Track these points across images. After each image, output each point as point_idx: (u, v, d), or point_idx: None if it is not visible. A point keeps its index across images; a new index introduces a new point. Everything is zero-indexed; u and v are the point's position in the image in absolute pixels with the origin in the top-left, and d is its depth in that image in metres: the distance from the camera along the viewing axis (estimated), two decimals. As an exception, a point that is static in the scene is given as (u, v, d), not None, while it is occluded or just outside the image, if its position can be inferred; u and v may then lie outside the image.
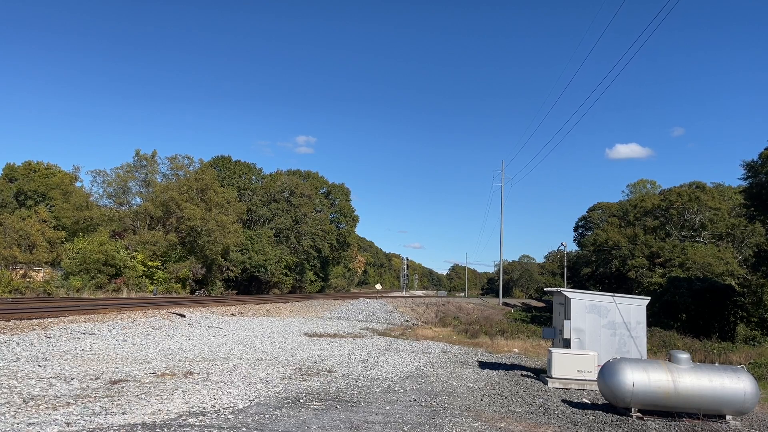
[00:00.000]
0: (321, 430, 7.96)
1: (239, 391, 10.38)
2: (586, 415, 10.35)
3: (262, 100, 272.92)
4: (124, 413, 8.27)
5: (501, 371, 15.51)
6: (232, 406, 9.20)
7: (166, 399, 9.37)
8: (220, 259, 63.52)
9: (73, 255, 49.24)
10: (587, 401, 11.83)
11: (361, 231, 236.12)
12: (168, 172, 68.24)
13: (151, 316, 24.05)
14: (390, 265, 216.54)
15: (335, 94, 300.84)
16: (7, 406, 8.32)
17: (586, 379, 13.21)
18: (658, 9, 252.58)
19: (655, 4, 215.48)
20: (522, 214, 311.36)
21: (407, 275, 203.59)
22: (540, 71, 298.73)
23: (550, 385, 13.33)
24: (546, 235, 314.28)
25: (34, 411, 8.13)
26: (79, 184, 67.60)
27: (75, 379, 10.64)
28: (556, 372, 13.41)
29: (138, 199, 66.07)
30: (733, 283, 52.59)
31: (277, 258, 75.78)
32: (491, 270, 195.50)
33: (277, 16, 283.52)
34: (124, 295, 46.54)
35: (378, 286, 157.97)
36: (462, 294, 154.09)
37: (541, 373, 14.89)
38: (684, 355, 10.66)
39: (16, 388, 9.60)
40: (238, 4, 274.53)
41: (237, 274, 69.54)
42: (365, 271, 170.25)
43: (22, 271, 47.72)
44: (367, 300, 54.89)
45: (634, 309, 14.63)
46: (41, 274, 49.15)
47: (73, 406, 8.51)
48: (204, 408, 8.92)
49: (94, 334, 17.71)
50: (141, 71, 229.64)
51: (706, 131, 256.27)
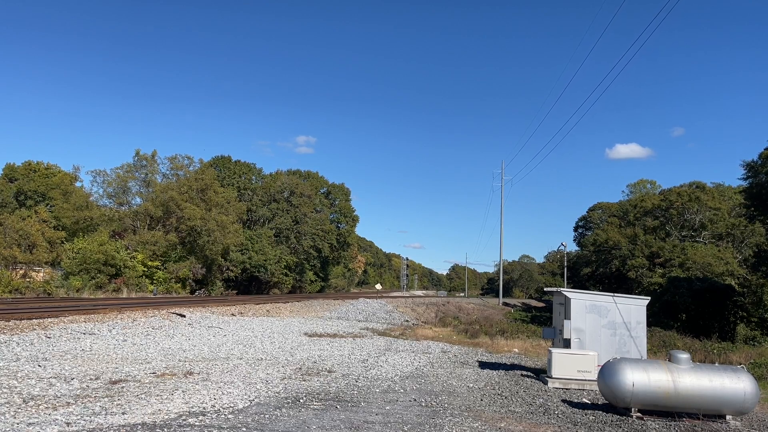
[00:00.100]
0: (321, 430, 7.96)
1: (239, 391, 10.38)
2: (586, 415, 10.35)
3: (262, 100, 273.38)
4: (124, 413, 8.27)
5: (501, 371, 15.51)
6: (232, 406, 9.20)
7: (166, 399, 9.37)
8: (220, 259, 63.54)
9: (73, 255, 49.26)
10: (587, 401, 11.83)
11: (361, 231, 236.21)
12: (168, 172, 68.36)
13: (151, 316, 24.05)
14: (390, 265, 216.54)
15: (335, 94, 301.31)
16: (7, 406, 8.32)
17: (586, 379, 13.21)
18: (658, 9, 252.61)
19: (655, 4, 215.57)
20: (522, 214, 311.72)
21: (407, 275, 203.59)
22: (540, 71, 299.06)
23: (550, 385, 13.33)
24: (546, 235, 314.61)
25: (34, 411, 8.13)
26: (79, 184, 67.71)
27: (75, 379, 10.64)
28: (556, 372, 13.41)
29: (138, 199, 66.18)
30: (733, 283, 52.60)
31: (277, 258, 75.79)
32: (491, 270, 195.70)
33: (277, 16, 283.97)
34: (124, 295, 46.54)
35: (378, 286, 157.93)
36: (462, 294, 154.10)
37: (541, 373, 14.89)
38: (684, 355, 10.66)
39: (16, 388, 9.60)
40: (238, 4, 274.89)
41: (237, 274, 69.55)
42: (365, 271, 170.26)
43: (22, 271, 47.73)
44: (367, 300, 54.89)
45: (634, 309, 14.63)
46: (41, 274, 49.16)
47: (73, 406, 8.51)
48: (204, 408, 8.92)
49: (94, 334, 17.71)
50: (141, 71, 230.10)
51: (706, 131, 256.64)
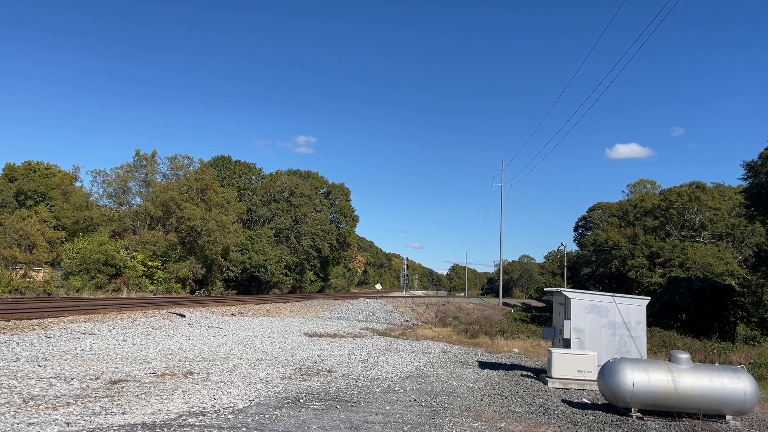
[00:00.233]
0: (321, 430, 7.96)
1: (239, 391, 10.38)
2: (586, 415, 10.34)
3: (262, 100, 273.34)
4: (124, 413, 8.27)
5: (501, 371, 15.51)
6: (232, 406, 9.20)
7: (166, 399, 9.37)
8: (220, 259, 63.54)
9: (73, 255, 49.26)
10: (587, 401, 11.82)
11: (361, 231, 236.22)
12: (168, 172, 68.38)
13: (151, 316, 24.05)
14: (390, 265, 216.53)
15: (335, 94, 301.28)
16: (7, 406, 8.31)
17: (586, 379, 13.20)
18: (658, 9, 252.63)
19: (655, 4, 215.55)
20: (522, 214, 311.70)
21: (407, 275, 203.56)
22: (540, 71, 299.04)
23: (550, 385, 13.33)
24: (546, 235, 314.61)
25: (34, 411, 8.13)
26: (79, 184, 67.74)
27: (75, 379, 10.64)
28: (556, 372, 13.41)
29: (138, 199, 66.21)
30: (733, 283, 52.60)
31: (277, 258, 75.80)
32: (491, 270, 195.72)
33: (277, 16, 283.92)
34: (124, 295, 46.54)
35: (378, 286, 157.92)
36: (462, 294, 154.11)
37: (541, 373, 14.88)
38: (684, 355, 10.66)
39: (16, 388, 9.60)
40: (238, 4, 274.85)
41: (237, 274, 69.55)
42: (365, 271, 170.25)
43: (22, 271, 47.73)
44: (367, 300, 54.89)
45: (634, 309, 14.63)
46: (41, 274, 49.16)
47: (73, 406, 8.51)
48: (204, 408, 8.92)
49: (94, 334, 17.71)
50: (141, 71, 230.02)
51: (706, 131, 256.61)
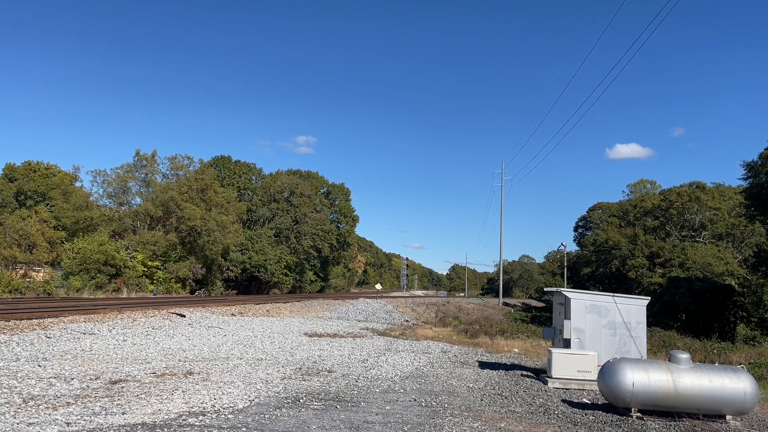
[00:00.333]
0: (321, 430, 7.96)
1: (239, 391, 10.38)
2: (586, 415, 10.34)
3: (262, 100, 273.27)
4: (124, 413, 8.27)
5: (501, 371, 15.51)
6: (232, 406, 9.20)
7: (166, 399, 9.37)
8: (220, 259, 63.54)
9: (73, 255, 49.26)
10: (587, 401, 11.82)
11: (361, 231, 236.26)
12: (168, 172, 68.39)
13: (151, 316, 24.05)
14: (390, 265, 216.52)
15: (335, 94, 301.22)
16: (7, 406, 8.31)
17: (586, 379, 13.20)
18: (658, 9, 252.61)
19: (655, 4, 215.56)
20: (522, 214, 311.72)
21: (407, 275, 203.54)
22: (540, 71, 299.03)
23: (550, 385, 13.33)
24: (546, 235, 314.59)
25: (34, 411, 8.13)
26: (79, 184, 67.69)
27: (75, 379, 10.64)
28: (556, 372, 13.41)
29: (138, 199, 66.23)
30: (733, 283, 52.61)
31: (277, 258, 75.79)
32: (491, 270, 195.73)
33: (277, 16, 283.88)
34: (124, 295, 46.55)
35: (378, 286, 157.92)
36: (462, 294, 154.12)
37: (541, 373, 14.88)
38: (684, 355, 10.66)
39: (16, 388, 9.60)
40: (238, 4, 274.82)
41: (237, 274, 69.55)
42: (365, 271, 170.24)
43: (22, 271, 47.73)
44: (367, 300, 54.89)
45: (634, 309, 14.62)
46: (41, 274, 49.16)
47: (73, 406, 8.51)
48: (204, 408, 8.92)
49: (94, 334, 17.71)
50: (141, 71, 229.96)
51: (706, 131, 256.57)
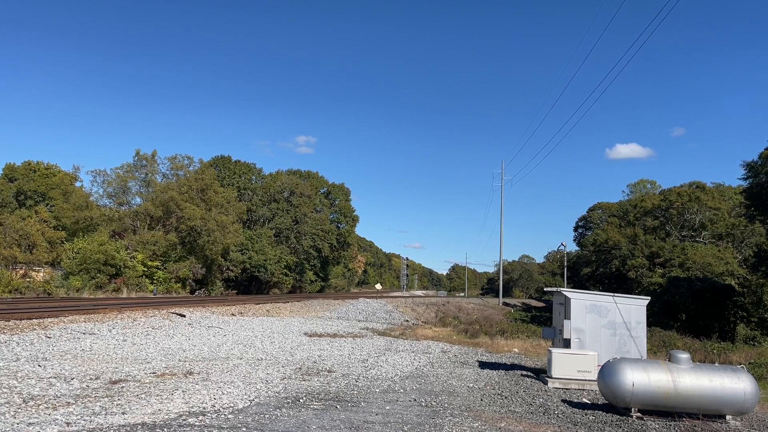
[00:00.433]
0: (321, 430, 7.96)
1: (239, 391, 10.38)
2: (586, 415, 10.34)
3: (262, 100, 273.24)
4: (124, 413, 8.28)
5: (501, 371, 15.51)
6: (232, 406, 9.20)
7: (166, 399, 9.37)
8: (220, 259, 63.54)
9: (73, 255, 49.27)
10: (587, 401, 11.82)
11: (361, 231, 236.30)
12: (168, 172, 68.41)
13: (151, 316, 24.05)
14: (390, 265, 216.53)
15: (335, 94, 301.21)
16: (7, 406, 8.31)
17: (586, 379, 13.20)
18: (658, 9, 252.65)
19: (655, 4, 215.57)
20: (522, 214, 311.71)
21: (407, 275, 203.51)
22: (540, 71, 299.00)
23: (550, 385, 13.33)
24: (546, 235, 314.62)
25: (34, 411, 8.13)
26: (79, 184, 67.72)
27: (75, 379, 10.64)
28: (556, 372, 13.41)
29: (138, 199, 66.24)
30: (733, 283, 52.61)
31: (277, 258, 75.79)
32: (491, 270, 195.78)
33: (277, 16, 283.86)
34: (124, 295, 46.55)
35: (378, 286, 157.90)
36: (462, 294, 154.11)
37: (541, 373, 14.88)
38: (684, 355, 10.66)
39: (16, 388, 9.60)
40: (238, 4, 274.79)
41: (237, 274, 69.55)
42: (365, 271, 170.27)
43: (22, 271, 47.74)
44: (367, 300, 54.88)
45: (634, 309, 14.62)
46: (41, 274, 49.17)
47: (73, 406, 8.51)
48: (204, 408, 8.92)
49: (94, 334, 17.71)
50: (141, 71, 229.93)
51: (706, 131, 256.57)
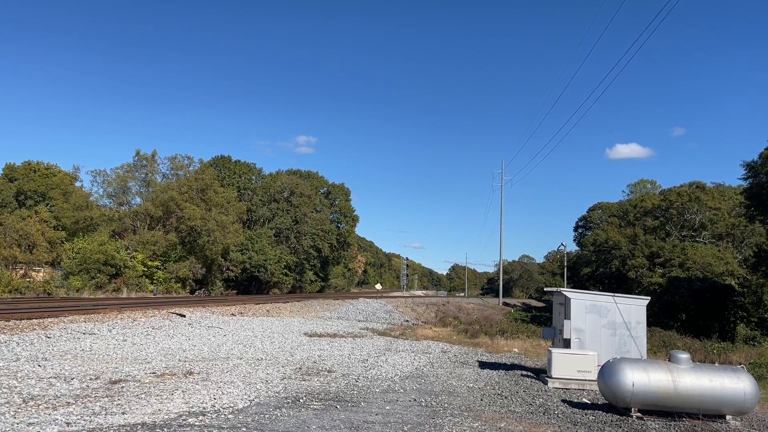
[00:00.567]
0: (321, 430, 7.96)
1: (239, 391, 10.38)
2: (586, 415, 10.34)
3: (262, 100, 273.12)
4: (124, 413, 8.28)
5: (501, 371, 15.51)
6: (232, 406, 9.20)
7: (166, 399, 9.37)
8: (220, 259, 63.53)
9: (73, 255, 49.26)
10: (587, 401, 11.82)
11: (361, 231, 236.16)
12: (168, 172, 68.40)
13: (151, 316, 24.05)
14: (390, 265, 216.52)
15: (335, 94, 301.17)
16: (7, 406, 8.31)
17: (586, 379, 13.20)
18: (657, 9, 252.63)
19: (655, 4, 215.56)
20: (522, 214, 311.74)
21: (407, 275, 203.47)
22: (540, 71, 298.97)
23: (550, 385, 13.33)
24: (546, 235, 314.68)
25: (34, 411, 8.13)
26: (79, 184, 67.68)
27: (75, 379, 10.64)
28: (556, 372, 13.41)
29: (138, 199, 66.23)
30: (733, 283, 52.60)
31: (277, 258, 75.78)
32: (491, 270, 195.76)
33: (277, 16, 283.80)
34: (124, 295, 46.55)
35: (378, 286, 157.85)
36: (462, 294, 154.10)
37: (541, 373, 14.88)
38: (684, 355, 10.66)
39: (16, 388, 9.60)
40: (238, 4, 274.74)
41: (237, 274, 69.54)
42: (365, 271, 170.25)
43: (22, 271, 47.73)
44: (367, 300, 54.88)
45: (634, 309, 14.63)
46: (41, 274, 49.16)
47: (73, 406, 8.51)
48: (204, 408, 8.92)
49: (94, 334, 17.71)
50: (141, 71, 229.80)
51: (706, 131, 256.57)
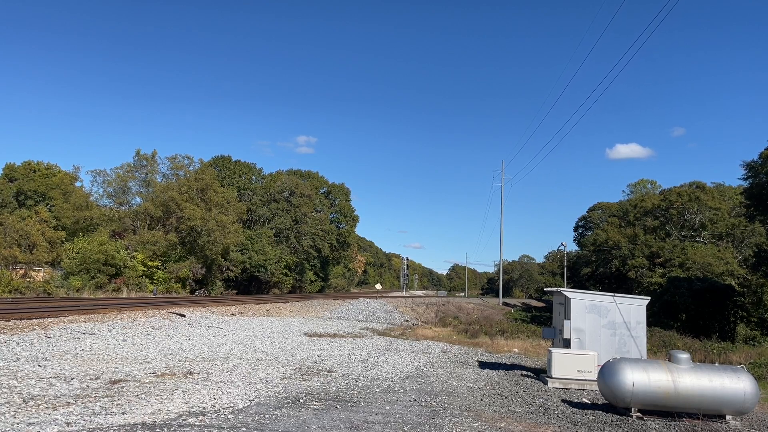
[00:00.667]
0: (321, 430, 7.96)
1: (239, 391, 10.38)
2: (586, 415, 10.34)
3: (262, 100, 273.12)
4: (124, 413, 8.28)
5: (501, 371, 15.51)
6: (232, 406, 9.20)
7: (166, 399, 9.37)
8: (220, 259, 63.53)
9: (73, 255, 49.26)
10: (587, 401, 11.82)
11: (361, 231, 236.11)
12: (168, 172, 68.41)
13: (151, 316, 24.05)
14: (390, 265, 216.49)
15: (335, 94, 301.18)
16: (7, 405, 8.31)
17: (586, 379, 13.20)
18: (657, 9, 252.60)
19: (655, 4, 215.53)
20: (522, 214, 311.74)
21: (407, 275, 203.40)
22: (540, 71, 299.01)
23: (550, 385, 13.33)
24: (546, 235, 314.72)
25: (34, 411, 8.13)
26: (79, 184, 67.67)
27: (75, 379, 10.64)
28: (556, 372, 13.41)
29: (138, 199, 66.23)
30: (733, 283, 52.59)
31: (277, 258, 75.78)
32: (491, 270, 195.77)
33: (277, 16, 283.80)
34: (124, 295, 46.55)
35: (378, 286, 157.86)
36: (462, 294, 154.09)
37: (541, 373, 14.88)
38: (684, 355, 10.66)
39: (16, 388, 9.60)
40: (238, 4, 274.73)
41: (237, 274, 69.54)
42: (365, 271, 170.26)
43: (22, 271, 47.74)
44: (367, 300, 54.88)
45: (634, 309, 14.63)
46: (41, 274, 49.16)
47: (73, 406, 8.51)
48: (204, 408, 8.92)
49: (94, 334, 17.71)
50: (141, 71, 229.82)
51: (706, 131, 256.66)
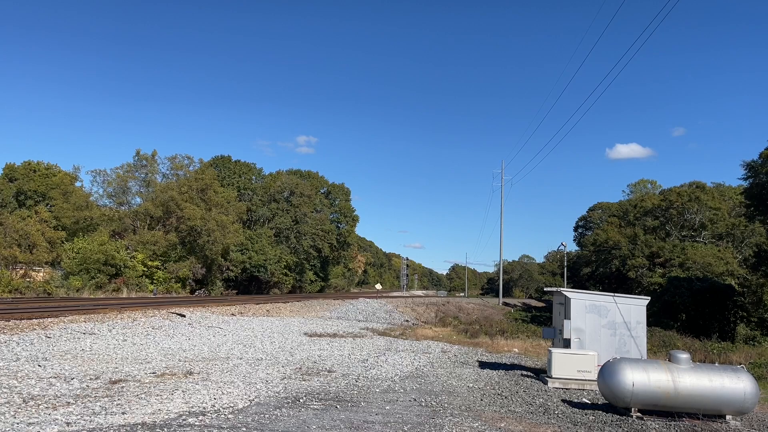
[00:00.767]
0: (321, 430, 7.96)
1: (239, 391, 10.38)
2: (586, 415, 10.34)
3: (262, 100, 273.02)
4: (124, 413, 8.28)
5: (501, 371, 15.52)
6: (232, 405, 9.20)
7: (166, 399, 9.38)
8: (220, 259, 63.54)
9: (73, 255, 49.27)
10: (587, 401, 11.82)
11: (361, 231, 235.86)
12: (168, 172, 68.44)
13: (151, 316, 24.05)
14: (390, 265, 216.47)
15: (335, 94, 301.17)
16: (7, 405, 8.32)
17: (586, 379, 13.21)
18: (658, 9, 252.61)
19: (655, 4, 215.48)
20: (522, 214, 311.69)
21: (407, 275, 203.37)
22: (540, 71, 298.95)
23: (550, 385, 13.33)
24: (546, 235, 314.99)
25: (34, 411, 8.13)
26: (79, 184, 67.62)
27: (75, 379, 10.64)
28: (556, 372, 13.41)
29: (138, 199, 66.26)
30: (733, 283, 52.60)
31: (277, 258, 75.79)
32: (491, 270, 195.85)
33: (277, 16, 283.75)
34: (124, 295, 46.55)
35: (378, 286, 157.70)
36: (462, 294, 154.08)
37: (541, 373, 14.89)
38: (684, 355, 10.66)
39: (16, 388, 9.60)
40: (238, 4, 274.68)
41: (237, 274, 69.55)
42: (365, 271, 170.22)
43: (22, 271, 47.72)
44: (367, 300, 54.89)
45: (634, 309, 14.63)
46: (41, 274, 49.15)
47: (73, 406, 8.51)
48: (204, 408, 8.92)
49: (94, 334, 17.72)
50: (141, 71, 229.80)
51: (707, 131, 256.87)
